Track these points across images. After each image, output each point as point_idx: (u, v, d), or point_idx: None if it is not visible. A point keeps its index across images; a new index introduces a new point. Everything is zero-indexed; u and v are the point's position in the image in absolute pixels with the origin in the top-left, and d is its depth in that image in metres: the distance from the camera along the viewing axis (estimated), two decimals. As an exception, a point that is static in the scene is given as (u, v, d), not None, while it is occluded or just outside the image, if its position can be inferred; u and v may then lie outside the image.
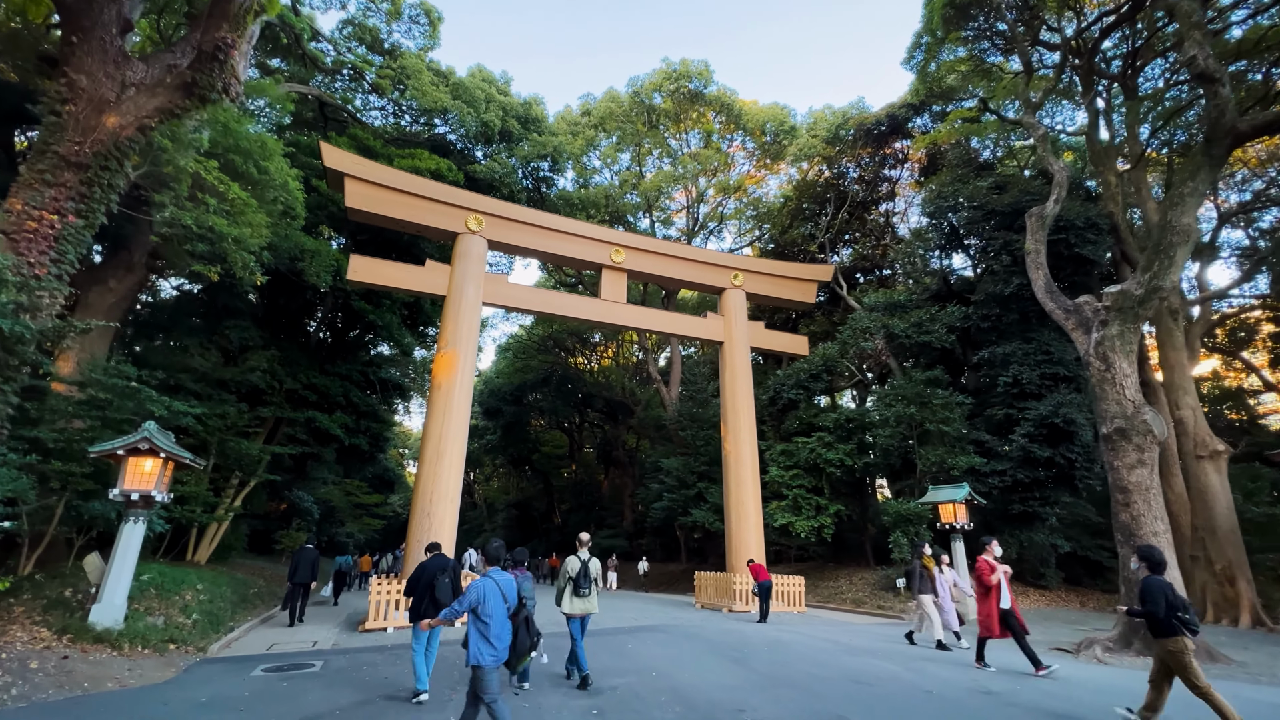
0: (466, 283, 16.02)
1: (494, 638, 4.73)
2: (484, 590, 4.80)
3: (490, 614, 4.75)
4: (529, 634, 5.29)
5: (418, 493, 14.45)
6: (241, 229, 11.31)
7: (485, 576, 4.96)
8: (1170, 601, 5.68)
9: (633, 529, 42.81)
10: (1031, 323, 18.62)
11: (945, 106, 24.26)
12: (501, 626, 4.81)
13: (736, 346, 19.22)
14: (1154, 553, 6.16)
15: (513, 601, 4.98)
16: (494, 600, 4.81)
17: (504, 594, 4.89)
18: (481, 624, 4.73)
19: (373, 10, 26.87)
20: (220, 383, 16.95)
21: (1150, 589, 5.81)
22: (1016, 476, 17.85)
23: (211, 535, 18.50)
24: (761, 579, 14.31)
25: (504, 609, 4.88)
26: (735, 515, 17.77)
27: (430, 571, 6.83)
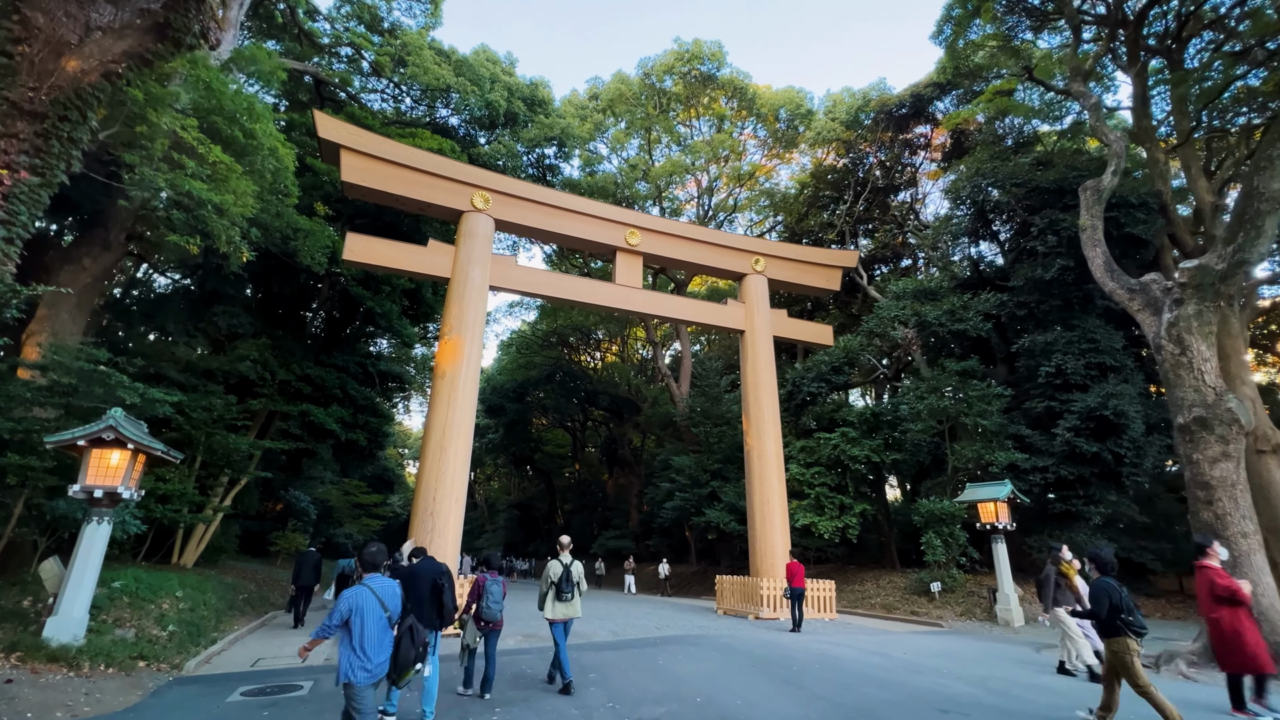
0: (472, 264, 14.86)
1: (368, 651, 4.37)
2: (357, 600, 4.44)
3: (365, 625, 4.40)
4: (413, 644, 4.79)
5: (420, 491, 13.28)
6: (224, 195, 10.14)
7: (360, 584, 4.60)
8: (1115, 603, 5.76)
9: (639, 530, 41.62)
10: (1074, 309, 17.46)
11: (973, 86, 23.09)
12: (378, 638, 4.47)
13: (759, 335, 18.06)
14: (1103, 554, 6.27)
15: (394, 610, 4.64)
16: (371, 610, 4.46)
17: (383, 602, 4.55)
18: (353, 636, 4.38)
19: (371, -12, 25.72)
20: (207, 373, 15.77)
21: (1097, 591, 5.92)
22: (1060, 473, 16.69)
23: (199, 537, 17.31)
24: (796, 584, 13.08)
25: (382, 619, 4.52)
26: (760, 515, 16.60)
27: (429, 580, 6.25)
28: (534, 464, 60.64)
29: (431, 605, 6.08)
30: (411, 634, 4.78)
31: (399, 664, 4.70)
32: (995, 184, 17.72)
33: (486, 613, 6.83)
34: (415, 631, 4.81)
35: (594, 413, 53.79)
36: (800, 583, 13.08)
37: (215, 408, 15.00)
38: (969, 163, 19.75)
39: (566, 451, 61.21)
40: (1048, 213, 16.92)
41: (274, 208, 14.16)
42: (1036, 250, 17.06)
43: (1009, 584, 15.36)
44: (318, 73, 22.72)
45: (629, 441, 47.17)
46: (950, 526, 17.63)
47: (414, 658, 4.79)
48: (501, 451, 57.78)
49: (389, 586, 4.72)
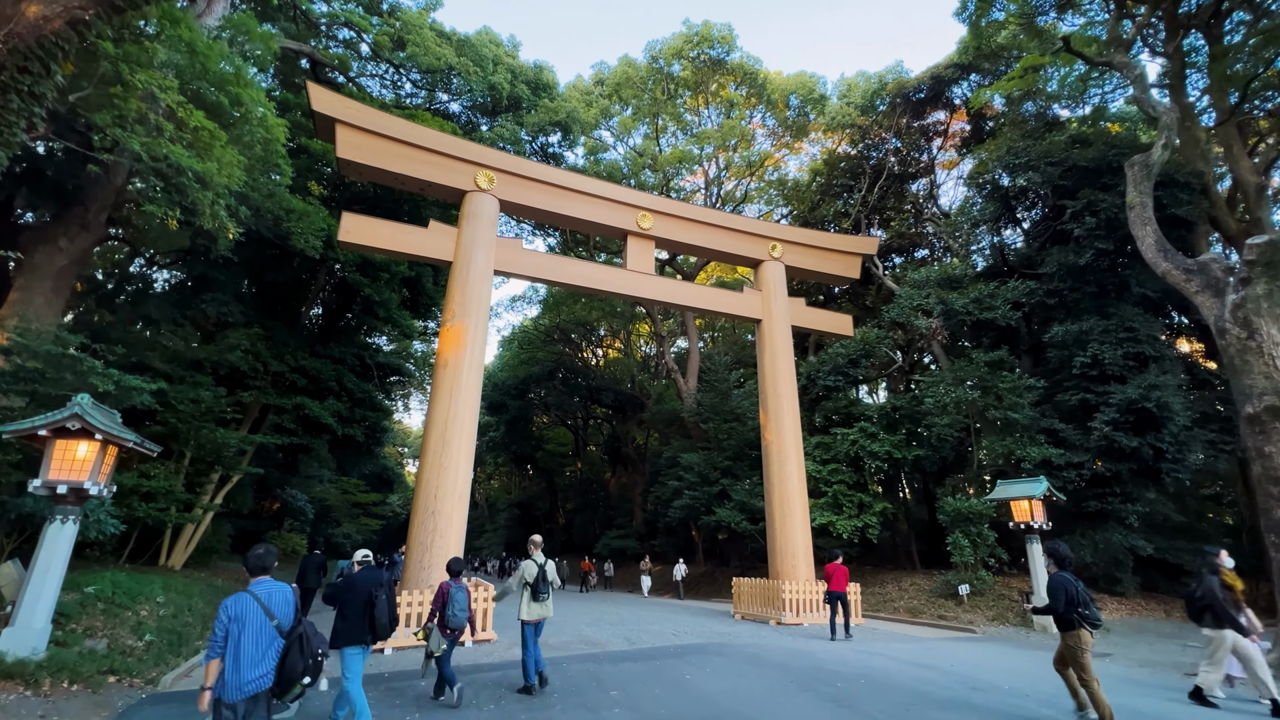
0: (475, 247, 13.96)
1: (243, 664, 4.01)
2: (237, 608, 4.11)
3: (243, 636, 4.06)
4: (303, 655, 4.26)
5: (420, 488, 12.40)
6: (207, 164, 9.24)
7: (244, 591, 4.26)
8: (1071, 597, 5.95)
9: (643, 529, 40.77)
10: (1109, 296, 16.58)
11: (996, 67, 22.18)
12: (259, 650, 4.09)
13: (776, 324, 17.17)
14: (1061, 550, 6.47)
15: (284, 618, 4.26)
16: (252, 619, 4.13)
17: (269, 610, 4.21)
18: (227, 647, 4.03)
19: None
20: (194, 364, 14.90)
21: (1054, 585, 6.10)
22: (1096, 469, 15.82)
23: (188, 537, 16.44)
24: (837, 587, 12.11)
25: (267, 629, 4.17)
26: (779, 514, 15.72)
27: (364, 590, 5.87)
28: (535, 463, 59.84)
29: (364, 619, 5.76)
30: (301, 644, 4.25)
31: (284, 677, 4.19)
32: (1028, 164, 16.81)
33: (453, 620, 6.72)
34: (305, 642, 4.28)
35: (596, 410, 52.95)
36: (842, 586, 12.11)
37: (203, 400, 14.12)
38: (996, 144, 18.83)
39: (568, 450, 60.41)
40: (1086, 193, 16.01)
41: (265, 187, 13.31)
42: (1072, 233, 16.15)
43: (1044, 587, 14.46)
44: (314, 54, 21.81)
45: (632, 439, 46.30)
46: (978, 526, 16.76)
47: (302, 670, 4.22)
48: (502, 450, 56.97)
49: (279, 593, 4.34)
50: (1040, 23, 22.70)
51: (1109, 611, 16.38)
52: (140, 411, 14.15)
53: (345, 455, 23.70)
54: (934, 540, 23.67)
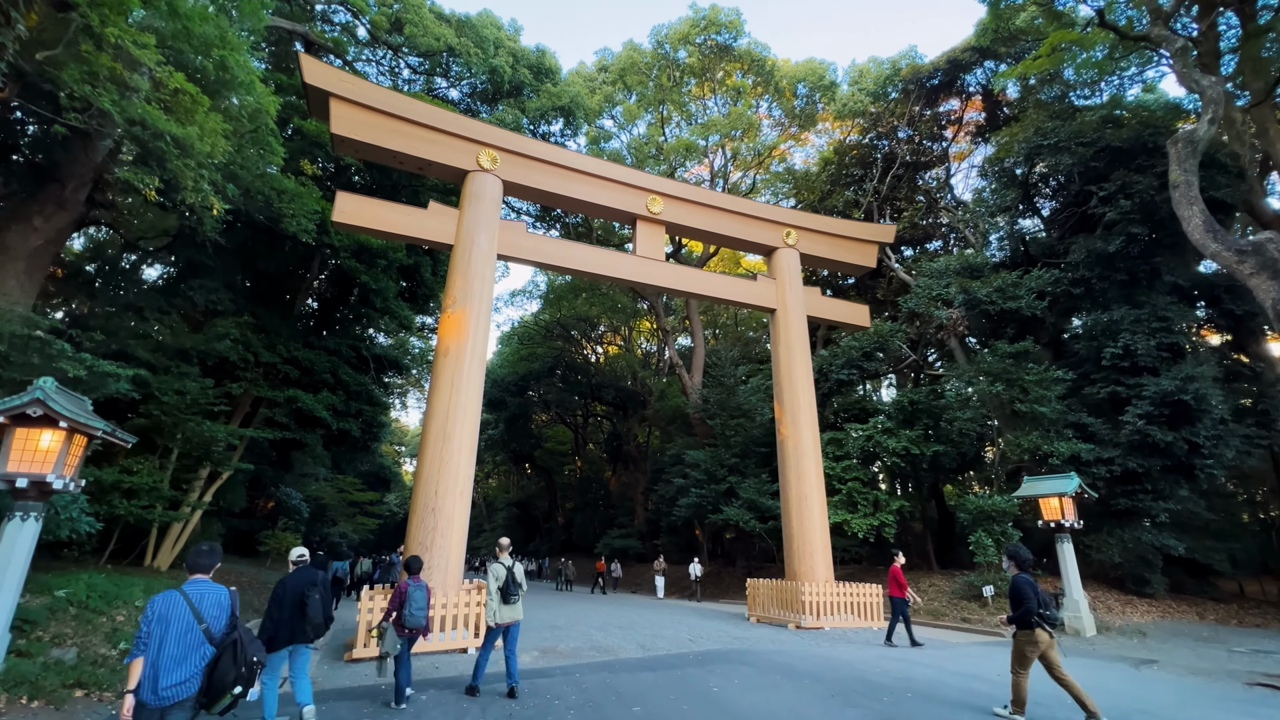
0: (478, 229, 13.20)
1: (161, 669, 3.70)
2: (163, 607, 3.84)
3: (166, 637, 3.77)
4: (236, 663, 3.91)
5: (419, 484, 11.63)
6: (187, 129, 8.46)
7: (174, 589, 3.97)
8: (1037, 598, 6.08)
9: (645, 529, 40.06)
10: (1140, 284, 15.87)
11: (1013, 50, 21.46)
12: (181, 654, 3.78)
13: (791, 314, 16.44)
14: (1020, 551, 6.62)
15: (214, 622, 3.93)
16: (178, 620, 3.83)
17: (198, 612, 3.89)
18: (149, 649, 3.75)
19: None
20: (180, 353, 14.10)
21: (1019, 586, 6.21)
22: (1128, 465, 15.12)
23: (175, 536, 15.66)
24: (897, 593, 11.19)
25: (194, 631, 3.85)
26: (796, 512, 14.99)
27: (296, 589, 5.76)
28: (534, 461, 59.15)
29: (298, 617, 5.67)
30: (235, 651, 3.91)
31: (214, 686, 3.84)
32: (1057, 145, 16.10)
33: (409, 619, 6.59)
34: (239, 649, 3.93)
35: (596, 407, 52.23)
36: (902, 591, 11.19)
37: (190, 391, 13.34)
38: (1021, 125, 18.07)
39: (567, 448, 59.72)
40: (1120, 174, 15.28)
41: (254, 164, 12.50)
42: (1100, 219, 15.43)
43: (1078, 589, 13.78)
44: (309, 34, 20.98)
45: (634, 437, 45.57)
46: (1002, 524, 16.08)
47: (233, 679, 3.87)
48: (501, 448, 56.23)
49: (214, 594, 4.01)
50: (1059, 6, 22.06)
51: (1140, 614, 15.70)
52: (122, 403, 13.38)
53: (341, 452, 22.91)
54: (944, 539, 22.97)
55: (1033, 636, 6.02)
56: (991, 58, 22.50)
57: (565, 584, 27.28)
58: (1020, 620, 6.10)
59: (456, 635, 10.20)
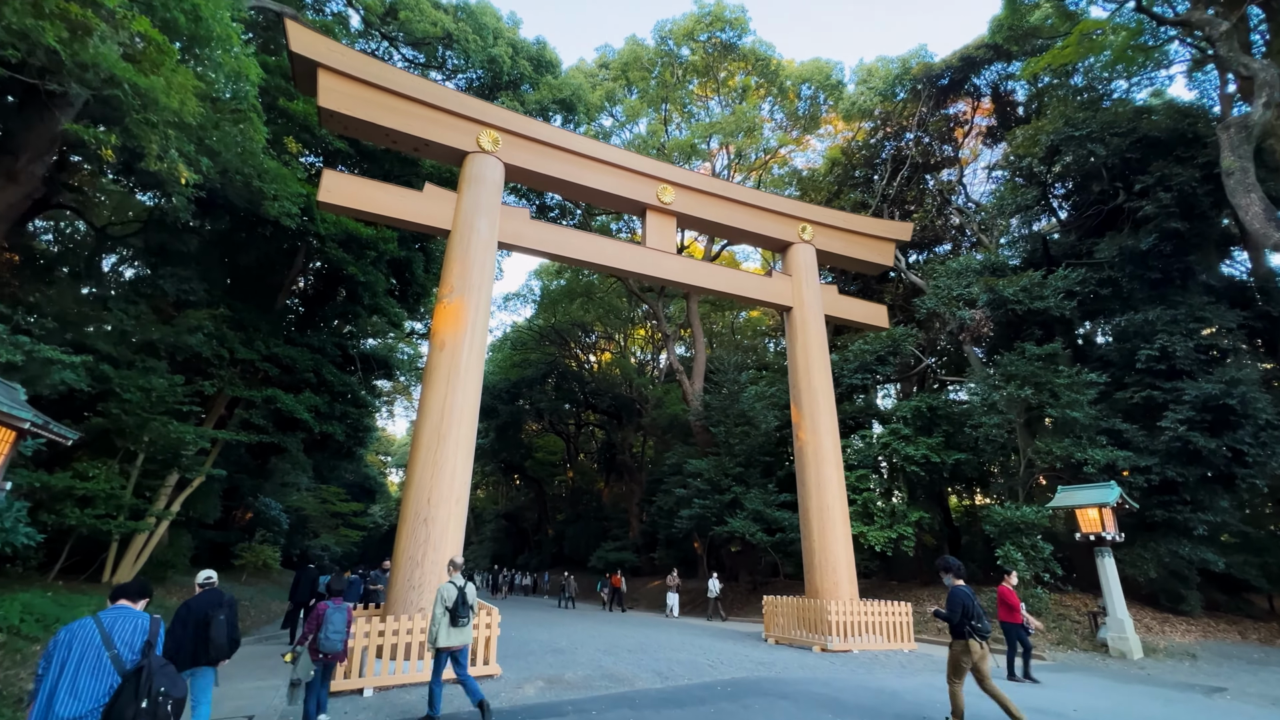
0: (478, 214, 12.15)
1: (58, 700, 3.24)
2: (69, 633, 3.45)
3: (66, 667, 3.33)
4: (138, 696, 3.38)
5: (410, 490, 10.45)
6: (151, 80, 7.36)
7: (88, 616, 3.63)
8: (966, 609, 6.18)
9: (641, 541, 38.81)
10: (1173, 284, 15.12)
11: (1026, 48, 20.91)
12: (80, 685, 3.31)
13: (809, 312, 15.51)
14: (953, 562, 6.70)
15: (126, 652, 3.50)
16: (82, 648, 3.41)
17: (108, 639, 3.49)
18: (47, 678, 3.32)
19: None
20: (147, 346, 12.87)
21: (952, 597, 6.33)
22: (1166, 474, 14.26)
23: (138, 549, 14.32)
24: (1013, 617, 9.80)
25: (101, 661, 3.41)
26: (818, 523, 13.94)
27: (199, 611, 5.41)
28: (524, 472, 57.78)
29: (194, 642, 5.27)
30: (138, 682, 3.49)
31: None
32: (1089, 136, 15.39)
33: (325, 644, 6.26)
34: (145, 680, 3.52)
35: (590, 416, 51.06)
36: (1017, 615, 9.74)
37: (155, 388, 12.08)
38: (1049, 119, 17.35)
39: (558, 458, 58.45)
40: (1159, 165, 14.56)
41: (232, 138, 11.38)
42: (1132, 215, 14.67)
43: (1121, 607, 12.82)
44: (298, 18, 19.95)
45: (629, 446, 44.39)
46: (1031, 537, 15.12)
47: (133, 715, 3.40)
48: (491, 458, 54.83)
49: (131, 621, 3.72)
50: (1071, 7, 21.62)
51: (1180, 634, 14.76)
52: (78, 400, 12.12)
53: (323, 458, 21.55)
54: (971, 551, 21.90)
55: (966, 646, 6.12)
56: (1004, 58, 21.94)
57: (568, 601, 25.90)
58: (953, 630, 6.21)
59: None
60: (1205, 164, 14.02)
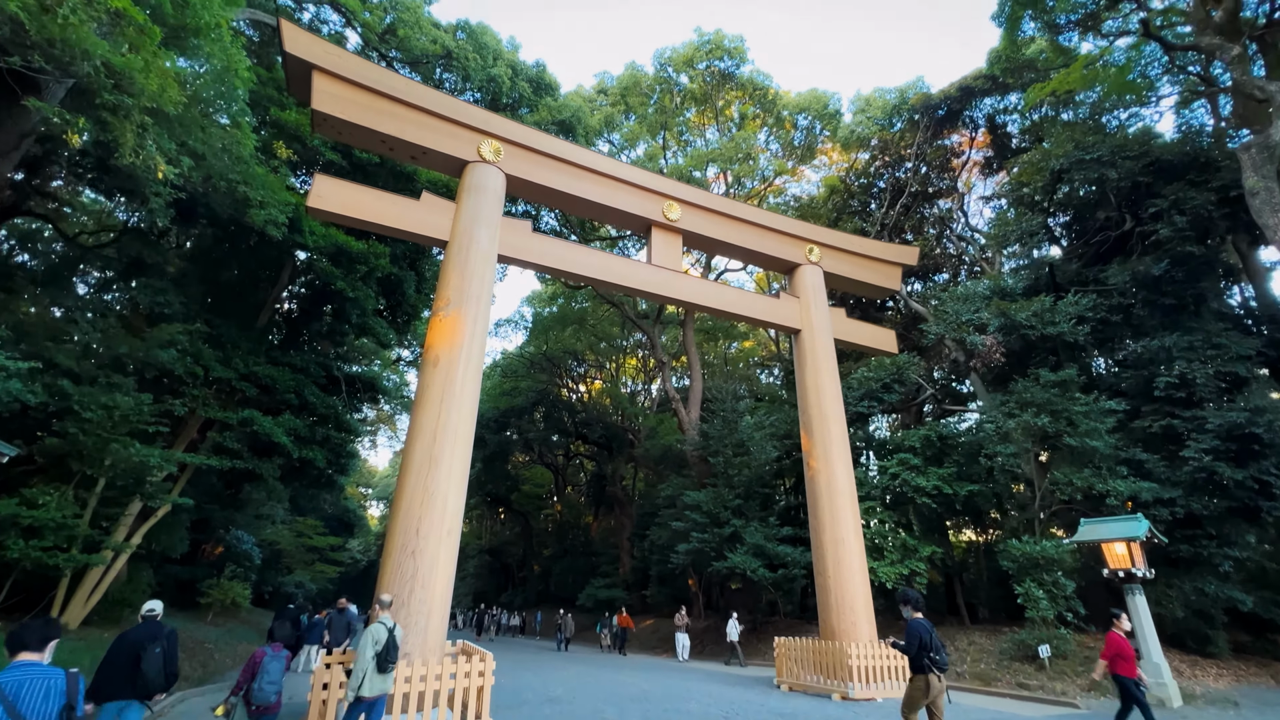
0: (478, 224, 11.53)
1: None
2: None
3: None
4: None
5: (397, 520, 9.50)
6: (127, 59, 6.70)
7: None
8: (924, 643, 6.16)
9: (632, 578, 37.42)
10: (1187, 310, 14.84)
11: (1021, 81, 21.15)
12: None
13: (818, 335, 14.96)
14: (911, 594, 6.70)
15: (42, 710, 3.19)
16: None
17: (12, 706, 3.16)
18: None
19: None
20: (115, 361, 11.91)
21: (910, 630, 6.31)
22: (1191, 507, 13.68)
23: (92, 585, 13.06)
24: (1125, 670, 8.25)
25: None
26: (832, 558, 13.09)
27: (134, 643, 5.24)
28: (510, 505, 56.20)
29: (126, 675, 5.11)
30: None
31: None
32: (1100, 159, 15.28)
33: (258, 695, 5.96)
34: None
35: (579, 447, 49.92)
36: (1132, 668, 8.25)
37: (120, 406, 11.08)
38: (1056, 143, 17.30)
39: (546, 491, 57.02)
40: (1174, 188, 14.39)
41: (217, 140, 10.72)
42: (1148, 239, 14.45)
43: (1157, 650, 12.03)
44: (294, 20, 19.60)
45: (620, 478, 43.23)
46: (1052, 574, 14.39)
47: None
48: (476, 490, 53.23)
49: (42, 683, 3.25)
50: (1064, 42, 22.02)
51: (1212, 678, 13.96)
52: (32, 419, 11.09)
53: (301, 487, 20.32)
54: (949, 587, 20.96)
55: (926, 681, 6.04)
56: (1000, 89, 22.19)
57: (563, 643, 24.49)
58: (912, 664, 6.15)
59: (439, 717, 7.96)
60: (1220, 187, 13.90)
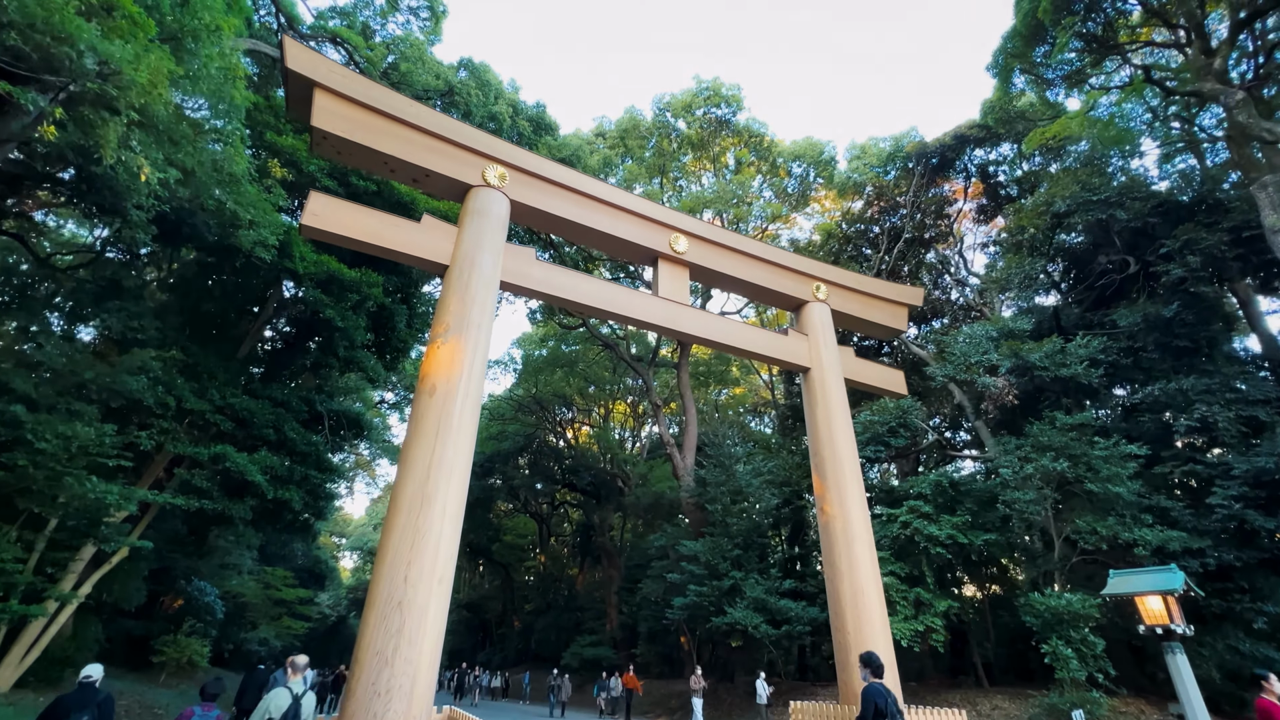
0: (481, 249, 10.97)
1: None
2: None
3: None
4: None
5: (382, 567, 8.50)
6: (118, 47, 6.17)
7: None
8: (880, 708, 5.95)
9: (620, 635, 35.58)
10: (1201, 352, 14.62)
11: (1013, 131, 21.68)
12: None
13: (828, 374, 14.41)
14: (874, 658, 6.55)
15: None
16: None
17: None
18: None
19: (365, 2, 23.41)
20: (78, 388, 10.95)
21: (864, 696, 6.13)
22: (1222, 557, 13.04)
23: (30, 640, 11.66)
24: None
25: None
26: (851, 612, 12.11)
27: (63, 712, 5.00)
28: (490, 556, 54.00)
29: None
30: None
31: None
32: (1107, 201, 15.33)
33: None
34: None
35: (565, 495, 48.40)
36: None
37: (79, 437, 10.08)
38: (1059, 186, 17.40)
39: (529, 542, 55.00)
40: (1185, 229, 14.36)
41: (206, 156, 10.18)
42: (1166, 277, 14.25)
43: (1204, 714, 11.11)
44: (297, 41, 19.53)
45: (608, 527, 41.70)
46: (1080, 630, 13.53)
47: None
48: (457, 539, 51.04)
49: None
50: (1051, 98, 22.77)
51: (1255, 745, 13.02)
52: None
53: (274, 533, 18.91)
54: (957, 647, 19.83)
55: None
56: (993, 139, 22.72)
57: (558, 709, 22.72)
58: None
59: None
60: (1232, 228, 13.91)
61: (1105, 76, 21.68)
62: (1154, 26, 19.46)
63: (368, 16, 23.66)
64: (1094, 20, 16.18)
